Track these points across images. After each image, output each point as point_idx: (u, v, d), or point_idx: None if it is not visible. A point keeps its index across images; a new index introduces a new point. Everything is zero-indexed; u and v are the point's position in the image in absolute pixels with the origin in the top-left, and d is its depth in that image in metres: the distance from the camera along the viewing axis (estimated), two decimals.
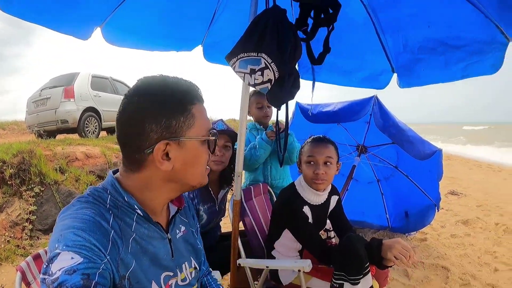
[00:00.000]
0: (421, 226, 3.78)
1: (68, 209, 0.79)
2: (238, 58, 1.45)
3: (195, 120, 0.86)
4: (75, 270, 0.66)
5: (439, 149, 2.98)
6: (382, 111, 2.92)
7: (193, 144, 0.87)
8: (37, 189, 3.89)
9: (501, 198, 6.12)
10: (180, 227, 1.05)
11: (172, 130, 0.82)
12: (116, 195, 0.85)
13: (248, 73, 1.44)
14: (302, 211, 1.77)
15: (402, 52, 2.13)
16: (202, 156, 0.90)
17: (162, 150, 0.82)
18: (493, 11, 1.63)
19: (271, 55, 1.40)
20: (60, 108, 6.88)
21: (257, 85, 1.44)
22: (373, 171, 4.01)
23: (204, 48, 2.53)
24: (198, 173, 0.91)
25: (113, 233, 0.78)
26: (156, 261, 0.89)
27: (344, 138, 3.76)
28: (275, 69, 1.41)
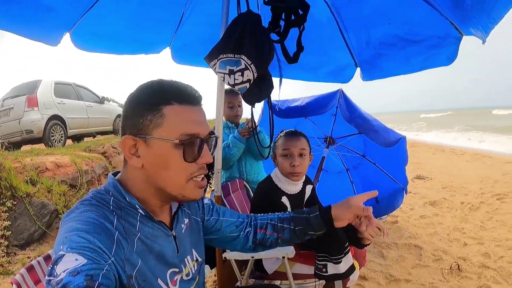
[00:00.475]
0: (391, 209, 3.99)
1: (72, 212, 0.80)
2: (218, 59, 1.52)
3: (164, 120, 0.83)
4: (79, 271, 0.66)
5: (403, 136, 3.17)
6: (348, 104, 3.08)
7: (161, 145, 0.84)
8: (9, 203, 3.75)
9: (465, 179, 6.54)
10: (184, 220, 1.05)
11: (138, 127, 0.84)
12: (119, 196, 0.87)
13: (227, 73, 1.53)
14: (281, 201, 1.87)
15: (365, 48, 2.28)
16: (173, 160, 0.84)
17: (130, 145, 0.85)
18: (447, 10, 1.79)
19: (251, 57, 1.50)
20: (24, 117, 6.62)
21: (236, 85, 1.53)
22: (342, 161, 4.18)
23: (172, 50, 2.59)
24: (172, 179, 0.86)
25: (117, 234, 0.79)
26: (162, 259, 0.91)
27: (312, 131, 3.89)
28: (254, 70, 1.51)
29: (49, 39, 1.85)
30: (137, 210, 0.87)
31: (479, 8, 1.53)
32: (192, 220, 1.10)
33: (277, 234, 1.22)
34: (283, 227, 1.21)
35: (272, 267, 1.96)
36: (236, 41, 1.51)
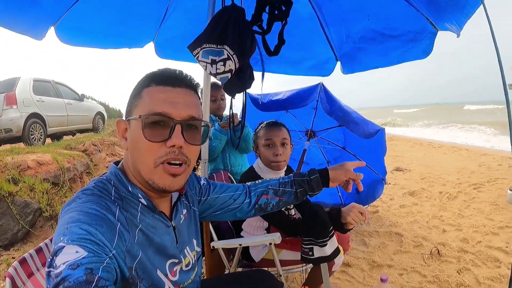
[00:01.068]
0: (372, 200, 4.08)
1: (73, 202, 0.80)
2: (201, 48, 1.56)
3: (140, 101, 0.85)
4: (78, 264, 0.65)
5: (382, 128, 3.28)
6: (328, 97, 3.16)
7: (133, 124, 0.85)
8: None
9: (442, 170, 6.76)
10: (182, 211, 1.05)
11: (127, 111, 0.88)
12: (120, 186, 0.87)
13: (209, 63, 1.57)
14: None
15: (345, 42, 2.36)
16: (139, 140, 0.83)
17: (122, 128, 0.89)
18: (423, 6, 1.89)
19: (233, 48, 1.54)
20: (3, 116, 6.48)
21: (218, 75, 1.58)
22: (323, 154, 4.25)
23: (155, 45, 2.61)
24: (141, 161, 0.84)
25: (119, 225, 0.78)
26: (161, 250, 0.90)
27: (293, 124, 3.94)
28: (236, 60, 1.55)
29: (34, 33, 1.86)
30: (138, 200, 0.87)
31: (453, 5, 1.66)
32: (191, 211, 1.11)
33: (279, 198, 1.29)
34: (285, 190, 1.29)
35: (259, 255, 2.03)
36: (220, 32, 1.56)
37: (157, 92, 0.84)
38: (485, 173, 6.27)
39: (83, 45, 2.24)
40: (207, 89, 1.87)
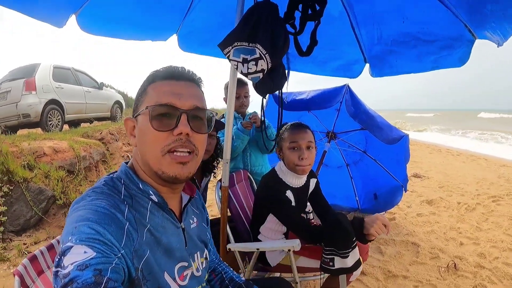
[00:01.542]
0: (389, 206, 4.02)
1: (83, 200, 0.79)
2: (232, 47, 1.50)
3: (146, 97, 0.88)
4: (87, 265, 0.65)
5: (406, 134, 3.17)
6: (354, 99, 3.07)
7: (140, 118, 0.87)
8: (6, 188, 3.69)
9: (461, 180, 6.58)
10: (193, 218, 1.06)
11: (134, 109, 0.91)
12: (130, 184, 0.87)
13: (241, 62, 1.51)
14: (286, 196, 1.86)
15: (376, 44, 2.27)
16: (147, 130, 0.84)
17: (130, 126, 0.91)
18: (463, 12, 1.79)
19: (266, 47, 1.47)
20: (22, 101, 6.51)
21: (249, 74, 1.51)
22: (343, 156, 4.19)
23: (179, 37, 2.55)
24: (149, 151, 0.85)
25: (128, 225, 0.78)
26: (170, 252, 0.89)
27: (314, 125, 3.89)
28: (269, 60, 1.48)
29: (54, 20, 1.82)
30: (148, 197, 0.87)
31: (500, 15, 1.55)
32: (200, 220, 1.11)
33: None
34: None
35: (275, 260, 1.96)
36: (252, 30, 1.49)
37: (162, 86, 0.87)
38: (504, 186, 6.08)
39: (104, 35, 2.19)
40: (233, 85, 1.79)
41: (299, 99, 3.32)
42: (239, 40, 1.49)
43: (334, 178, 4.22)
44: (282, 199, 1.84)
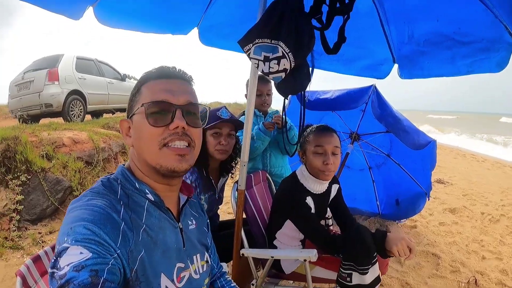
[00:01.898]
0: (411, 213, 3.86)
1: (79, 200, 0.79)
2: (253, 44, 1.40)
3: (140, 96, 0.90)
4: (83, 266, 0.65)
5: (433, 140, 3.01)
6: (380, 100, 2.93)
7: (136, 117, 0.89)
8: (24, 177, 3.72)
9: (485, 188, 6.31)
10: (192, 219, 1.05)
11: (128, 110, 0.93)
12: (127, 184, 0.87)
13: (262, 60, 1.41)
14: (305, 202, 1.76)
15: (406, 43, 2.13)
16: (144, 127, 0.86)
17: (125, 127, 0.93)
18: (503, 13, 1.63)
19: (289, 44, 1.37)
20: (44, 91, 6.63)
21: (271, 74, 1.41)
22: (365, 159, 4.05)
23: (200, 31, 2.47)
24: (147, 147, 0.86)
25: (123, 225, 0.77)
26: (168, 252, 0.88)
27: (338, 125, 3.76)
28: (292, 59, 1.38)
29: (71, 12, 1.75)
30: (145, 197, 0.87)
31: None
32: (200, 223, 1.10)
33: None
34: None
35: (290, 268, 1.88)
36: (274, 26, 1.38)
37: (155, 85, 0.90)
38: None
39: (122, 27, 2.12)
40: (254, 84, 1.69)
41: (323, 99, 3.20)
42: (261, 36, 1.38)
43: (356, 180, 4.09)
44: (301, 206, 1.74)
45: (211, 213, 2.17)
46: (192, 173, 1.95)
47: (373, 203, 4.09)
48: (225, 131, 1.98)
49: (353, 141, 3.66)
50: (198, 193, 1.98)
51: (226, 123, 1.96)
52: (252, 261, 1.85)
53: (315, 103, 3.22)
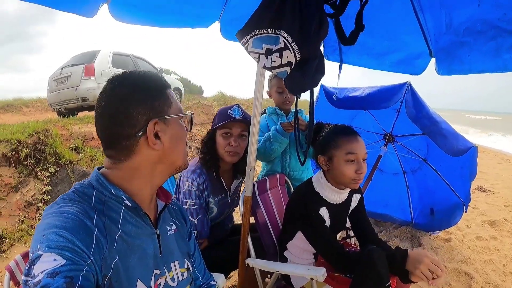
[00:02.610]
0: (446, 225, 3.50)
1: (52, 207, 0.77)
2: (251, 36, 1.23)
3: (171, 101, 0.91)
4: (57, 272, 0.65)
5: (474, 146, 2.70)
6: (415, 100, 2.65)
7: (175, 121, 0.91)
8: (52, 169, 3.85)
9: None
10: (171, 225, 1.04)
11: (157, 110, 0.87)
12: (102, 190, 0.84)
13: (264, 53, 1.23)
14: (319, 214, 1.58)
15: (444, 33, 1.85)
16: (183, 132, 0.93)
17: (153, 130, 0.86)
18: None
19: (292, 33, 1.19)
20: (81, 86, 6.83)
21: (274, 69, 1.24)
22: (400, 162, 3.74)
23: (221, 24, 2.33)
24: (182, 151, 0.93)
25: (96, 231, 0.76)
26: (145, 259, 0.87)
27: (370, 125, 3.49)
28: (297, 50, 1.20)
29: (84, 10, 1.66)
30: (121, 202, 0.85)
31: None
32: (180, 229, 1.08)
33: None
34: None
35: (299, 283, 1.70)
36: (276, 13, 1.21)
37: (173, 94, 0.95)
38: None
39: (139, 23, 2.01)
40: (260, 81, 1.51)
41: (353, 96, 2.95)
42: (260, 26, 1.22)
43: (389, 185, 3.79)
44: (314, 217, 1.56)
45: (222, 216, 2.05)
46: (200, 176, 1.83)
47: (406, 210, 3.79)
48: (236, 132, 1.84)
49: (387, 143, 3.38)
50: (207, 195, 1.87)
51: (237, 122, 1.83)
52: (259, 272, 1.71)
53: (344, 101, 2.98)
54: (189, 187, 1.81)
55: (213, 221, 1.99)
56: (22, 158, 3.86)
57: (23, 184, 3.74)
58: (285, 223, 1.80)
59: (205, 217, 1.85)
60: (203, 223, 1.83)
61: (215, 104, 11.43)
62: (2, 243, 3.16)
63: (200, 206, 1.83)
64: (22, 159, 3.86)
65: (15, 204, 3.60)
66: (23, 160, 3.86)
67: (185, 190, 1.82)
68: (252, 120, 1.57)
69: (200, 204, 1.82)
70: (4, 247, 3.14)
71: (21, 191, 3.68)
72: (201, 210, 1.83)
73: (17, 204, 3.59)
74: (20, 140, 3.95)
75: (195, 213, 1.81)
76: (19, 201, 3.58)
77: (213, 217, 1.96)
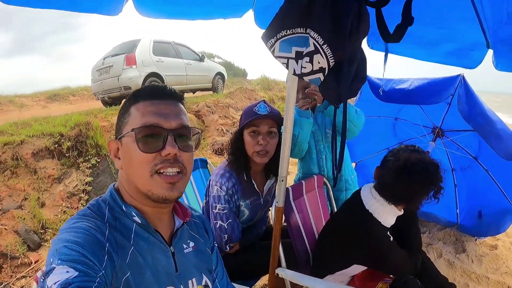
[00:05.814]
0: (494, 231, 3.17)
1: (67, 223, 0.80)
2: (278, 38, 1.07)
3: (130, 118, 0.87)
4: (70, 283, 0.66)
5: None
6: (469, 95, 2.37)
7: (126, 140, 0.86)
8: (94, 160, 3.98)
9: None
10: (188, 242, 1.01)
11: (117, 130, 0.90)
12: (115, 206, 0.87)
13: (293, 57, 1.06)
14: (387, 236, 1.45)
15: (505, 22, 1.61)
16: (134, 152, 0.83)
17: (114, 148, 0.89)
18: None
19: (323, 33, 1.00)
20: (123, 75, 6.98)
21: (305, 76, 1.07)
22: (449, 159, 3.45)
23: (255, 13, 2.19)
24: (137, 173, 0.84)
25: (108, 246, 0.78)
26: (157, 275, 0.86)
27: (418, 118, 3.25)
28: (329, 53, 1.02)
29: (108, 8, 1.60)
30: (132, 219, 0.86)
31: None
32: (201, 245, 1.05)
33: None
34: None
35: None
36: (303, 9, 1.03)
37: (146, 106, 0.86)
38: None
39: (166, 17, 1.93)
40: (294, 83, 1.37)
41: (400, 89, 2.70)
42: (288, 25, 1.04)
43: None
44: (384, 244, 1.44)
45: (256, 218, 1.98)
46: (229, 179, 1.76)
47: (453, 210, 3.50)
48: (264, 129, 1.73)
49: (436, 137, 3.11)
50: (236, 199, 1.80)
51: (264, 119, 1.71)
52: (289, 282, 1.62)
53: (390, 94, 2.73)
54: (218, 191, 1.75)
55: (245, 223, 1.93)
56: (64, 151, 4.01)
57: (66, 176, 3.89)
58: (330, 247, 1.65)
59: (235, 221, 1.79)
60: (233, 227, 1.78)
61: (258, 88, 11.30)
62: (45, 233, 3.32)
63: (230, 211, 1.77)
64: (64, 152, 4.01)
65: (58, 195, 3.75)
66: (65, 152, 4.01)
67: (214, 194, 1.77)
68: (284, 126, 1.44)
69: (230, 209, 1.77)
70: (47, 237, 3.30)
71: (64, 182, 3.84)
72: (231, 214, 1.78)
73: (60, 195, 3.75)
74: (62, 133, 4.10)
75: (225, 218, 1.76)
76: (62, 192, 3.73)
77: (245, 220, 1.90)
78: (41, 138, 4.07)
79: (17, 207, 3.47)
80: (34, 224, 3.39)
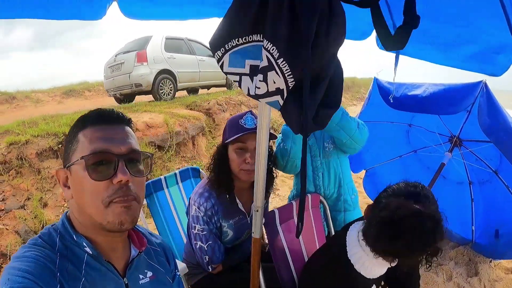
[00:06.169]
0: (510, 254, 2.88)
1: (19, 250, 0.79)
2: (226, 49, 0.83)
3: (78, 145, 0.83)
4: None
5: None
6: (491, 105, 2.08)
7: (75, 169, 0.82)
8: None
9: None
10: (145, 272, 0.97)
11: (65, 158, 0.86)
12: (66, 235, 0.85)
13: (247, 74, 0.83)
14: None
15: None
16: (85, 181, 0.80)
17: (63, 177, 0.86)
18: None
19: (278, 42, 0.76)
20: (134, 72, 6.98)
21: (260, 97, 0.83)
22: (466, 170, 3.15)
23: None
24: (91, 203, 0.80)
25: (59, 275, 0.76)
26: None
27: (434, 125, 2.99)
28: (287, 69, 0.77)
29: (89, 14, 1.49)
30: (84, 250, 0.84)
31: None
32: (161, 275, 1.01)
33: None
34: None
35: None
36: (258, 9, 0.78)
37: (94, 132, 0.83)
38: None
39: (154, 18, 1.79)
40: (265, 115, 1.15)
41: (413, 96, 2.42)
42: (238, 32, 0.81)
43: (451, 195, 3.22)
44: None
45: (242, 238, 1.81)
46: (208, 200, 1.59)
47: (468, 227, 3.20)
48: (252, 145, 1.52)
49: (453, 147, 2.85)
50: (216, 221, 1.64)
51: (252, 134, 1.50)
52: None
53: (402, 100, 2.46)
54: (196, 212, 1.61)
55: (230, 243, 1.78)
56: None
57: None
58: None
59: (216, 242, 1.66)
60: (213, 249, 1.64)
61: None
62: None
63: (210, 232, 1.63)
64: None
65: (61, 195, 3.74)
66: None
67: (193, 214, 1.63)
68: (258, 154, 1.24)
69: (209, 230, 1.63)
70: None
71: None
72: (211, 236, 1.64)
73: (62, 195, 3.71)
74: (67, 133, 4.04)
75: (204, 239, 1.63)
76: None
77: (229, 240, 1.74)
78: (46, 138, 4.06)
79: (20, 207, 3.47)
80: (35, 225, 3.37)
